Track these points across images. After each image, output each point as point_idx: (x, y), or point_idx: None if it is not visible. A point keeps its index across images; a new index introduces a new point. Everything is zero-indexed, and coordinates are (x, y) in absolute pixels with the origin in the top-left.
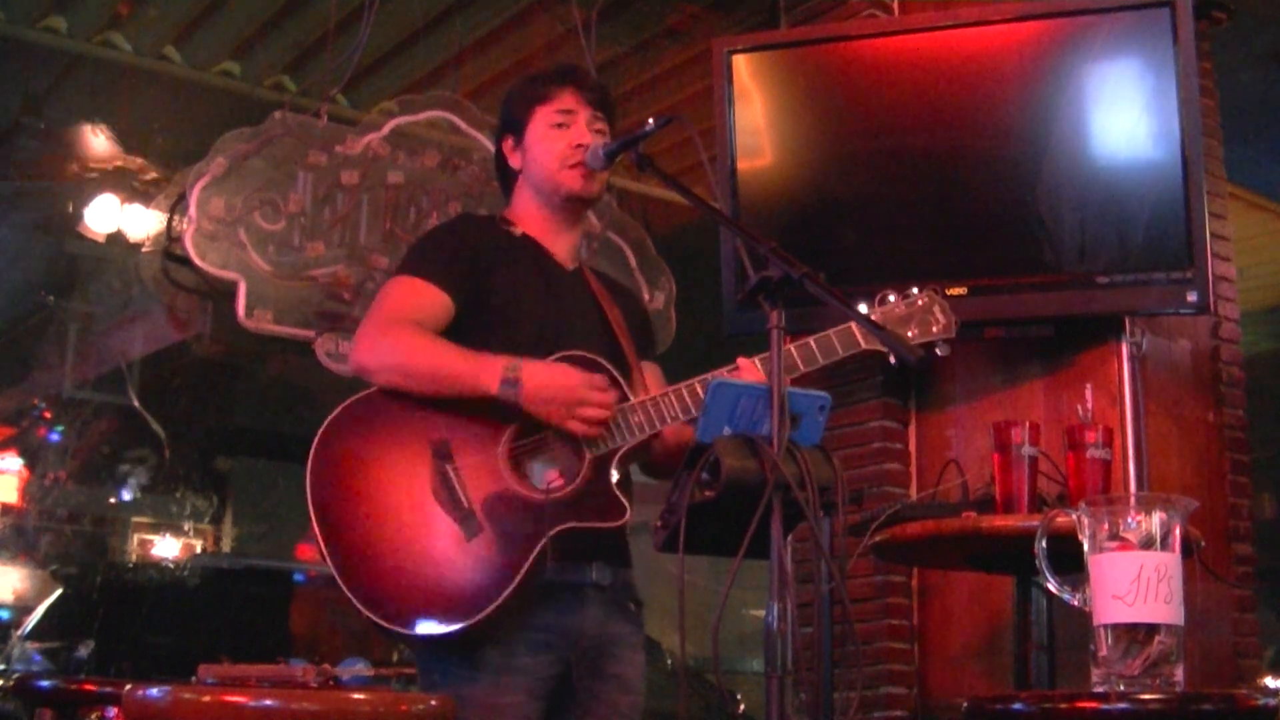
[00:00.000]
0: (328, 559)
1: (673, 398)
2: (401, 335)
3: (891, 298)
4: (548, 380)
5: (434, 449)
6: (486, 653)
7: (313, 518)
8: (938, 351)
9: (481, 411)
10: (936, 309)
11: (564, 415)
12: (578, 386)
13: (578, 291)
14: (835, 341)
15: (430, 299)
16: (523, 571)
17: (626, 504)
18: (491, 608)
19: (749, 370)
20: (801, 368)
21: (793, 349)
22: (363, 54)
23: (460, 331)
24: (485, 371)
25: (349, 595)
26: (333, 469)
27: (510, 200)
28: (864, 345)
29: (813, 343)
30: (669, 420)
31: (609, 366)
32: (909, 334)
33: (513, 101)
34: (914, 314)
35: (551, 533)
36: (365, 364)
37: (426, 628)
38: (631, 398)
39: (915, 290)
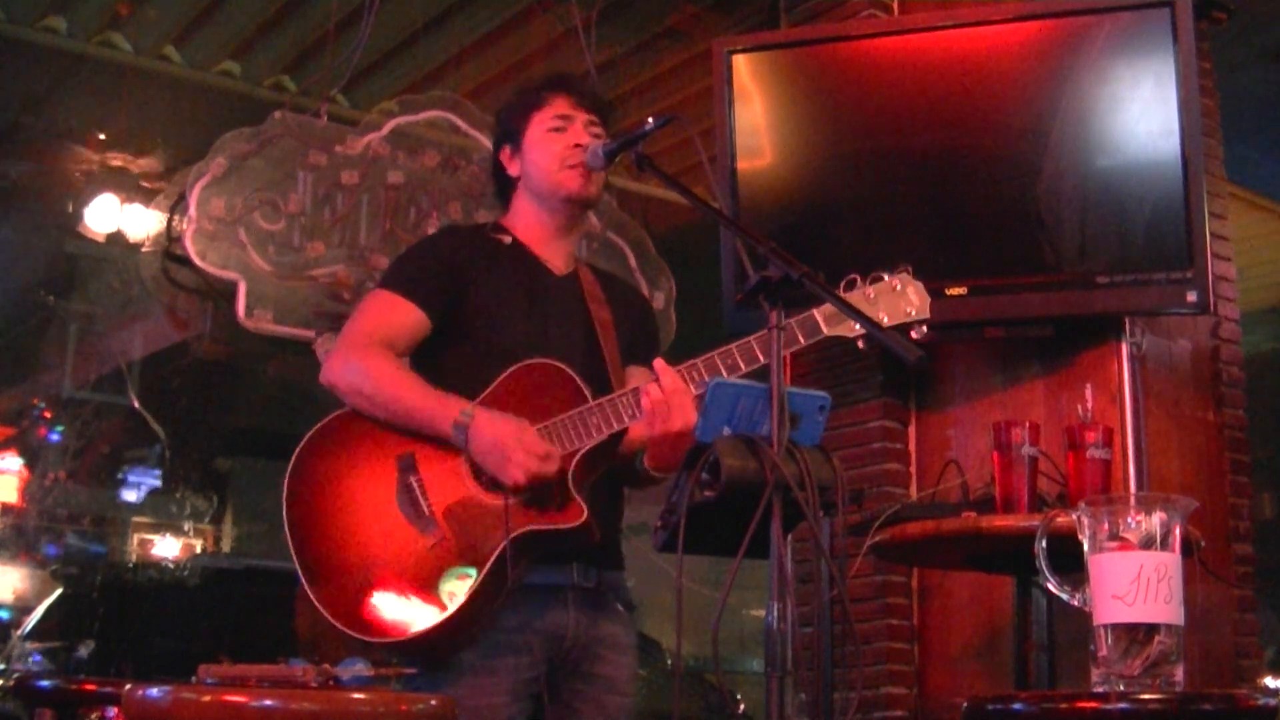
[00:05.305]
0: (300, 573)
1: (629, 396)
2: (370, 361)
3: (858, 283)
4: (489, 433)
5: (399, 461)
6: (465, 656)
7: (286, 534)
8: (913, 335)
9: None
10: (910, 291)
11: (496, 466)
12: (513, 442)
13: (566, 297)
14: (797, 331)
15: (404, 315)
16: (481, 575)
17: (584, 504)
18: (450, 612)
19: (664, 372)
20: (760, 359)
21: (753, 341)
22: (363, 54)
23: (441, 344)
24: (441, 414)
25: (319, 607)
26: (305, 485)
27: (508, 209)
28: (826, 331)
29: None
30: (626, 419)
31: (570, 371)
32: (880, 319)
33: (508, 112)
34: (880, 297)
35: (510, 536)
36: (334, 382)
37: (391, 634)
38: None
39: (886, 276)
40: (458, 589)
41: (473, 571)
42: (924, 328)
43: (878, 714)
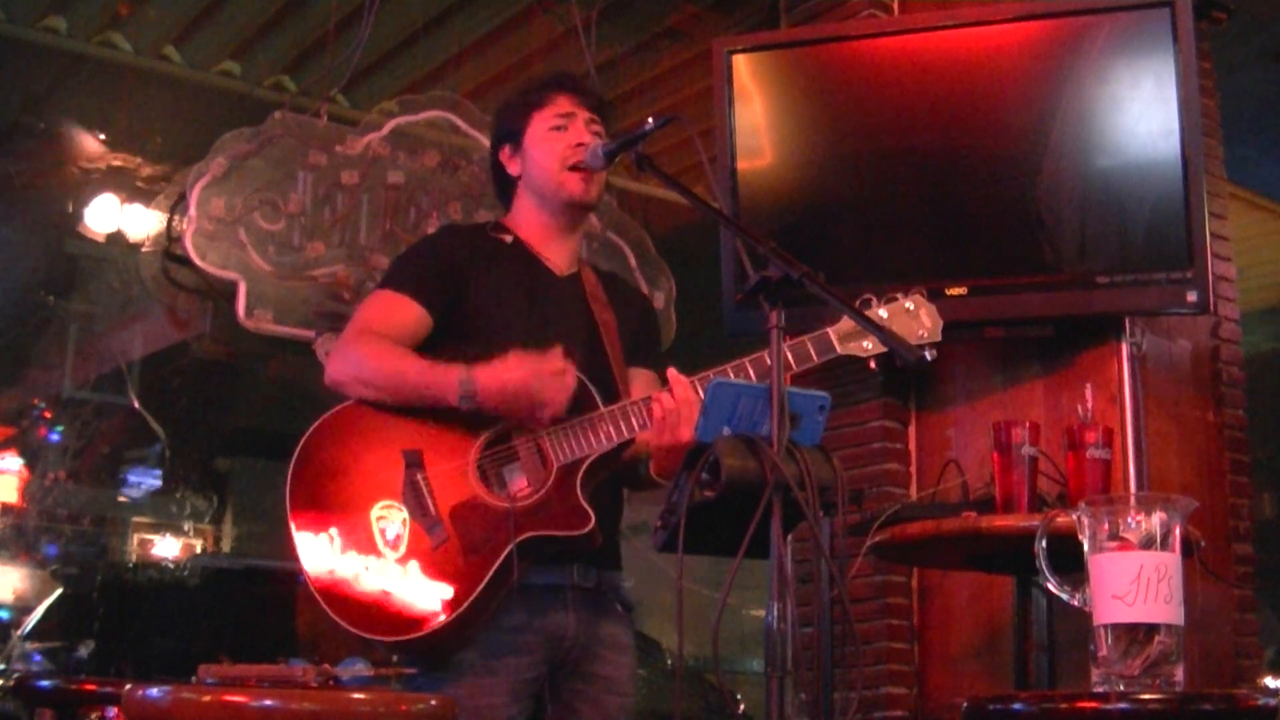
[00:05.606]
0: (303, 567)
1: (640, 405)
2: (366, 348)
3: (873, 303)
4: (500, 383)
5: (406, 458)
6: (466, 656)
7: (289, 526)
8: (926, 357)
9: (454, 421)
10: (923, 313)
11: (527, 414)
12: (529, 381)
13: (567, 298)
14: (811, 348)
15: (405, 313)
16: (485, 579)
17: (590, 512)
18: (455, 614)
19: (677, 382)
20: (752, 376)
21: (766, 355)
22: (363, 54)
23: (442, 342)
24: (441, 384)
25: (321, 603)
26: (310, 478)
27: (509, 208)
28: (839, 350)
29: (787, 351)
30: (637, 428)
31: (584, 380)
32: None
33: (508, 110)
34: (893, 318)
35: (515, 541)
36: (335, 377)
37: (394, 633)
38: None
39: (900, 296)
40: (463, 591)
41: (477, 574)
42: (934, 350)
43: (878, 714)
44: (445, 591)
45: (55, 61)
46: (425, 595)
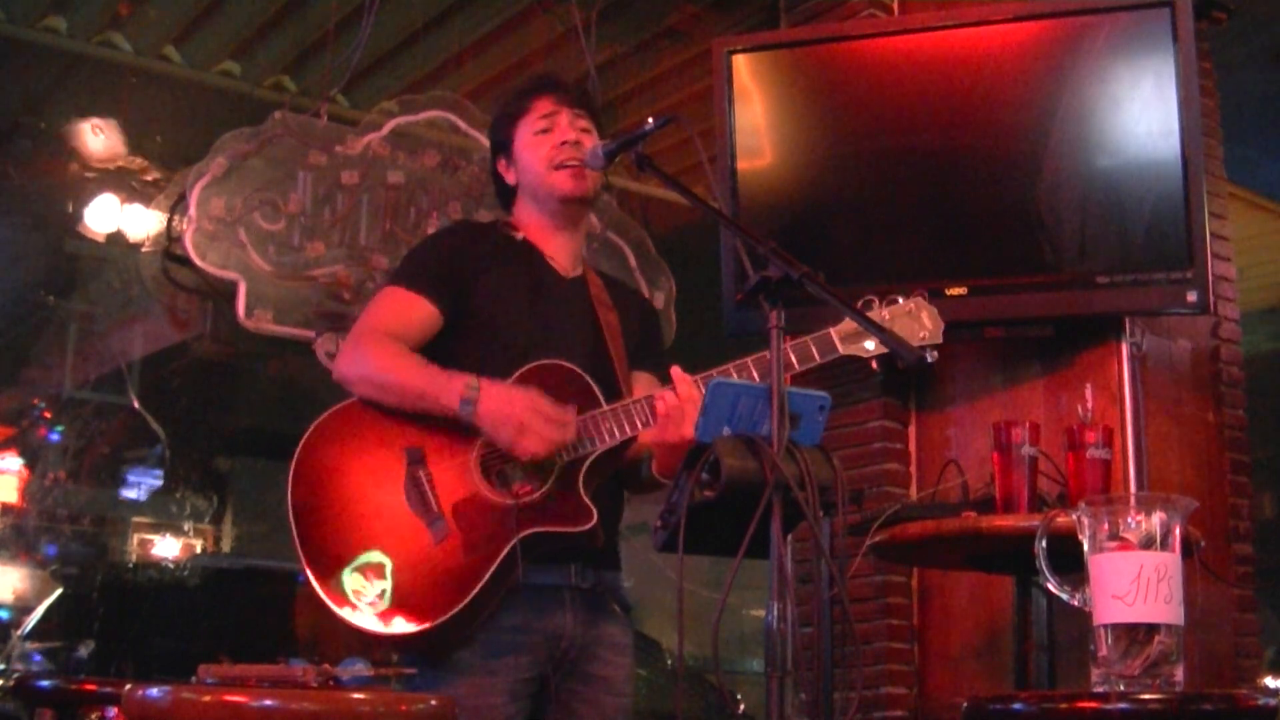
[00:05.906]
0: (303, 563)
1: (644, 403)
2: (377, 349)
3: (875, 304)
4: (501, 404)
5: (408, 455)
6: (464, 655)
7: (290, 523)
8: (926, 358)
9: (456, 421)
10: (925, 315)
11: (510, 439)
12: (527, 412)
13: (573, 298)
14: (813, 348)
15: (415, 310)
16: (488, 575)
17: (593, 509)
18: (456, 610)
19: (680, 380)
20: (755, 376)
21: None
22: (363, 54)
23: (450, 339)
24: (447, 390)
25: (322, 598)
26: (311, 476)
27: (513, 213)
28: (841, 351)
29: (789, 350)
30: (640, 426)
31: (583, 373)
32: None
33: (497, 123)
34: (895, 320)
35: (518, 537)
36: (344, 374)
37: (394, 628)
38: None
39: (900, 299)
40: (465, 588)
41: (479, 570)
42: (935, 352)
43: (878, 714)
44: (447, 587)
45: (55, 61)
46: (427, 591)
